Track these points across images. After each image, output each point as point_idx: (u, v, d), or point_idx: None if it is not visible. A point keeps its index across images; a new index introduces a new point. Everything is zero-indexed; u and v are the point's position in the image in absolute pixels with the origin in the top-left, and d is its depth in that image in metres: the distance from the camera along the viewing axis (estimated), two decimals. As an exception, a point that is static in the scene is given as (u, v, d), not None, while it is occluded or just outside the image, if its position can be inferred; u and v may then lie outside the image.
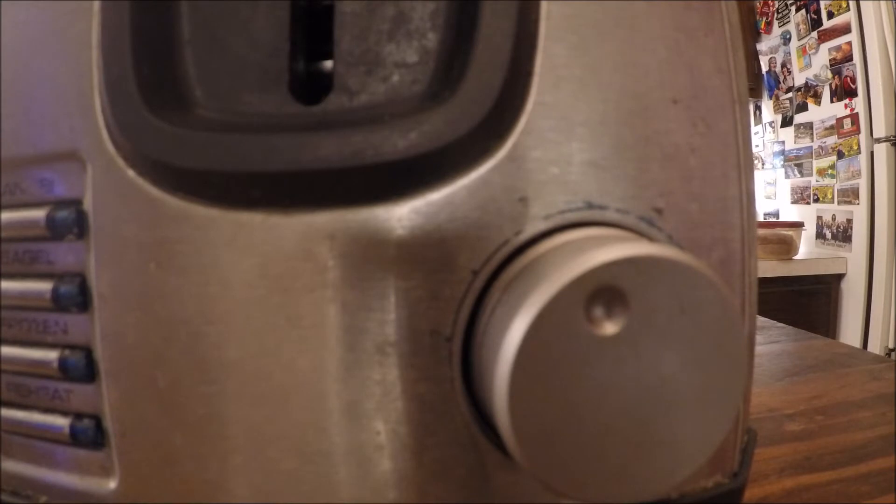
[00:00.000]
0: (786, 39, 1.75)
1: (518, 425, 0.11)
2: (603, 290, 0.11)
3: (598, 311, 0.11)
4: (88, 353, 0.14)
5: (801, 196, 1.74)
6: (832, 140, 1.60)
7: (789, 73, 1.75)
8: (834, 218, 1.61)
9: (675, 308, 0.11)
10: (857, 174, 1.51)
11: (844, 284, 1.55)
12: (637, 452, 0.11)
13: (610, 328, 0.11)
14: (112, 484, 0.14)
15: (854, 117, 1.51)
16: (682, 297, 0.11)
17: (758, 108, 1.90)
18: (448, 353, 0.13)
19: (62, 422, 0.15)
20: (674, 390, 0.11)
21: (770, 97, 1.85)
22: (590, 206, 0.13)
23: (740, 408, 0.16)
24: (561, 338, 0.11)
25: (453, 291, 0.13)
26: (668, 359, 0.11)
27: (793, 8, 1.70)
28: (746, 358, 0.12)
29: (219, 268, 0.13)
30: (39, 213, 0.14)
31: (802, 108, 1.71)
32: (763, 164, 1.89)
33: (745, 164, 0.16)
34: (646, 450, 0.11)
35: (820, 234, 1.66)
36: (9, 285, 0.15)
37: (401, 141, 0.12)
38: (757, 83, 1.86)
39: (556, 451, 0.11)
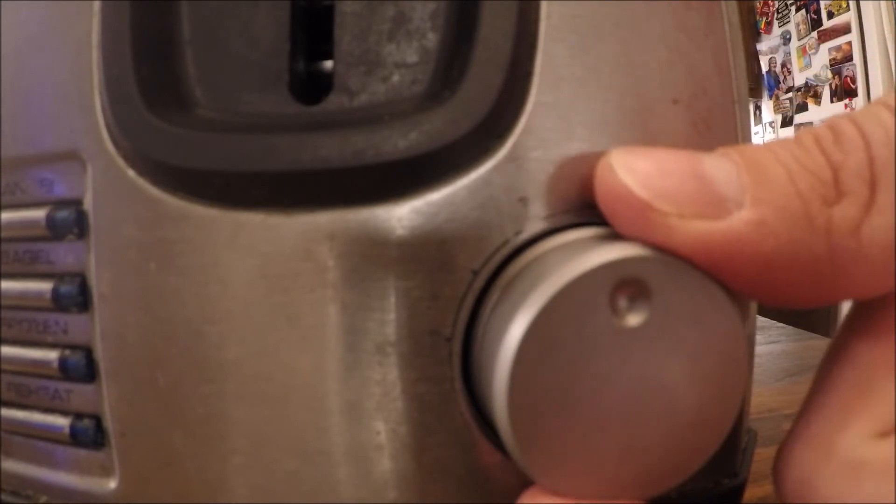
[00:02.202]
0: (786, 39, 1.75)
1: (518, 425, 0.11)
2: (630, 282, 0.11)
3: (622, 303, 0.11)
4: (88, 353, 0.14)
5: (801, 196, 1.74)
6: (832, 140, 1.59)
7: (789, 73, 1.75)
8: (834, 218, 1.60)
9: (692, 319, 0.11)
10: (857, 174, 1.51)
11: (844, 284, 1.55)
12: (637, 452, 0.11)
13: (633, 320, 0.11)
14: (112, 484, 0.14)
15: (854, 117, 1.51)
16: (700, 310, 0.11)
17: (758, 108, 1.90)
18: (448, 353, 0.13)
19: (62, 422, 0.15)
20: (675, 391, 0.11)
21: (770, 97, 1.85)
22: (590, 206, 0.13)
23: (740, 406, 0.16)
24: (562, 336, 0.11)
25: (453, 291, 0.13)
26: (673, 364, 0.11)
27: (793, 8, 1.70)
28: (746, 358, 0.12)
29: (219, 268, 0.13)
30: (39, 213, 0.14)
31: (802, 108, 1.71)
32: (763, 164, 1.89)
33: (745, 164, 0.16)
34: (646, 450, 0.11)
35: (820, 234, 1.65)
36: (9, 285, 0.15)
37: (401, 141, 0.12)
38: (757, 83, 1.86)
39: (555, 452, 0.11)
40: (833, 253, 0.11)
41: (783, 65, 1.77)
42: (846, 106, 1.54)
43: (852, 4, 1.48)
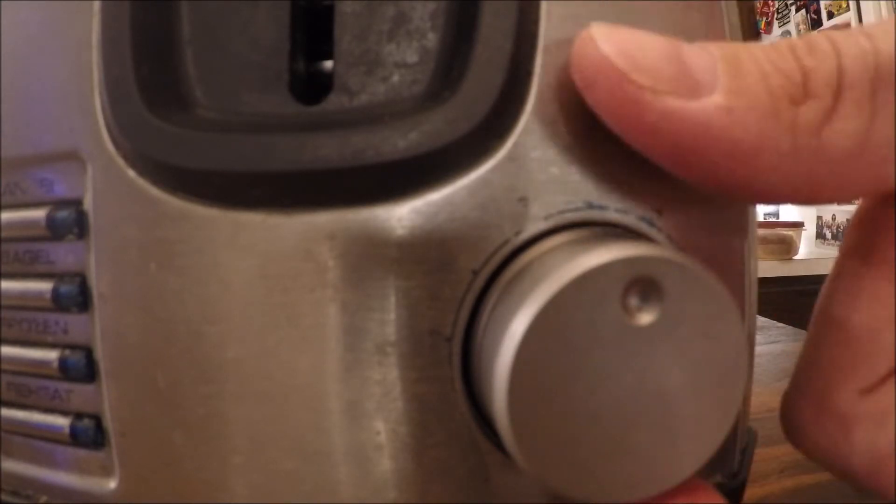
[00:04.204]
0: (786, 39, 1.75)
1: (518, 425, 0.11)
2: (644, 281, 0.11)
3: (634, 301, 0.11)
4: (88, 353, 0.14)
5: (801, 196, 1.74)
6: (832, 140, 1.59)
7: (789, 73, 1.75)
8: (834, 218, 1.61)
9: (700, 324, 0.11)
10: (857, 174, 1.51)
11: (844, 284, 1.55)
12: (637, 453, 0.11)
13: (642, 319, 0.11)
14: (112, 484, 0.14)
15: (854, 117, 1.51)
16: (708, 317, 0.11)
17: (758, 108, 1.90)
18: (448, 353, 0.13)
19: (62, 422, 0.15)
20: (675, 392, 0.11)
21: (770, 97, 1.85)
22: (590, 206, 0.13)
23: (740, 408, 0.16)
24: (568, 330, 0.11)
25: (453, 291, 0.13)
26: (675, 368, 0.11)
27: (793, 8, 1.70)
28: (746, 358, 0.12)
29: (219, 268, 0.13)
30: (39, 213, 0.14)
31: (802, 108, 1.71)
32: (763, 164, 1.89)
33: (745, 164, 0.16)
34: (646, 450, 0.11)
35: (820, 234, 1.66)
36: (9, 285, 0.15)
37: (401, 141, 0.12)
38: (757, 83, 1.86)
39: (556, 452, 0.11)
40: (797, 150, 0.11)
41: (783, 65, 1.77)
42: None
43: (852, 4, 1.48)
